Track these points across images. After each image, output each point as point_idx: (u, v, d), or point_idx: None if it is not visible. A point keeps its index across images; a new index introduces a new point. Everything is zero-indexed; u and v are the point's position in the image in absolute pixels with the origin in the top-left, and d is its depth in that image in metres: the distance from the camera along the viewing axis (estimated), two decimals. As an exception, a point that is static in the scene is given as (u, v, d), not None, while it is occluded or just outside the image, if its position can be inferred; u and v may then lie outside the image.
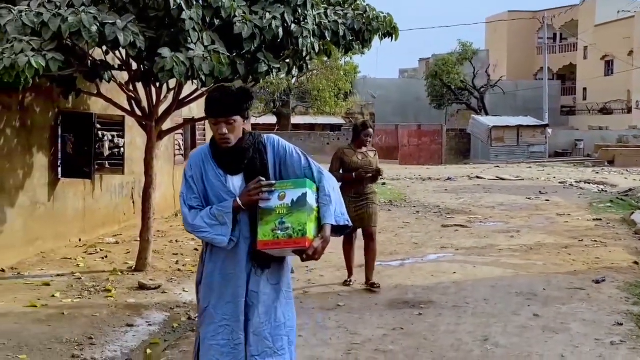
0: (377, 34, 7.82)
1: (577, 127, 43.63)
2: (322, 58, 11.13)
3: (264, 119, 38.95)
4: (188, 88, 7.97)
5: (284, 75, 7.66)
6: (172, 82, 7.38)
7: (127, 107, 7.88)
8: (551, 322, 5.87)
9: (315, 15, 7.14)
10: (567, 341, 5.36)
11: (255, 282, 3.21)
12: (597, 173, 24.62)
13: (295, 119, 41.66)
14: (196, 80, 6.49)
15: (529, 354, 5.08)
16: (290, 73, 7.66)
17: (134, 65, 7.27)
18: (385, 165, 7.21)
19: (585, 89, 47.59)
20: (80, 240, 9.21)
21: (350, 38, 7.63)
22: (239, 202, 3.16)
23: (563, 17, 47.63)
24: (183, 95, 7.97)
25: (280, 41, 6.78)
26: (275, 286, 3.26)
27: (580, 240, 9.97)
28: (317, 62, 29.36)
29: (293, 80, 34.18)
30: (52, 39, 5.72)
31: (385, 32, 7.90)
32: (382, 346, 5.29)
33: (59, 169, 8.72)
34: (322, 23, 7.28)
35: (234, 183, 3.23)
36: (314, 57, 7.91)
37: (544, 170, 27.13)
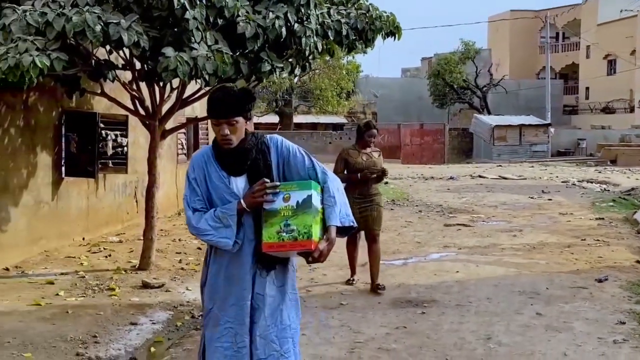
0: (380, 34, 7.82)
1: (579, 127, 43.60)
2: (324, 57, 11.11)
3: (266, 118, 38.92)
4: (191, 87, 7.99)
5: (287, 74, 7.66)
6: (176, 82, 7.40)
7: (131, 107, 7.90)
8: (554, 321, 5.88)
9: (318, 15, 7.15)
10: (570, 340, 5.37)
11: (260, 284, 3.18)
12: (600, 172, 24.60)
13: (297, 118, 41.61)
14: (199, 80, 6.51)
15: (532, 353, 5.09)
16: (293, 72, 7.65)
17: (138, 65, 7.28)
18: (388, 165, 7.21)
19: (587, 88, 47.51)
20: (83, 239, 9.24)
21: (353, 37, 7.63)
22: (243, 204, 3.11)
23: (565, 16, 47.57)
24: (186, 95, 8.00)
25: (283, 40, 6.80)
26: (280, 288, 3.24)
27: (582, 240, 9.98)
28: (320, 61, 29.30)
29: (295, 80, 34.11)
30: (57, 39, 5.74)
31: (388, 31, 7.90)
32: (385, 345, 5.30)
33: (63, 168, 8.75)
34: (325, 22, 7.29)
35: (238, 184, 3.19)
36: (317, 57, 7.91)
37: (546, 169, 27.12)
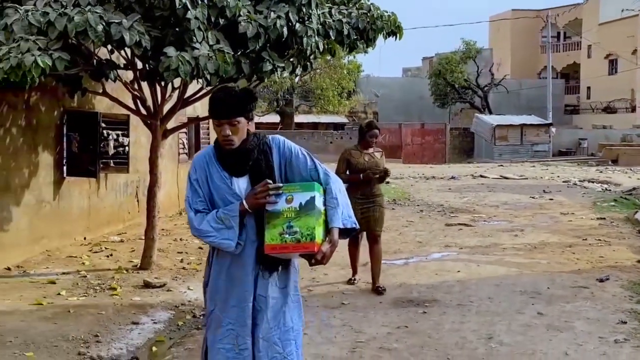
0: (382, 33, 7.83)
1: (580, 126, 43.55)
2: (326, 57, 11.11)
3: (267, 118, 38.92)
4: (192, 87, 7.99)
5: (288, 74, 7.66)
6: (177, 81, 7.40)
7: (132, 106, 7.91)
8: (555, 321, 5.89)
9: (319, 15, 7.16)
10: (571, 339, 5.38)
11: (262, 286, 3.16)
12: (601, 172, 24.58)
13: (298, 118, 41.59)
14: (201, 79, 6.52)
15: (533, 352, 5.10)
16: (294, 72, 7.65)
17: (139, 65, 7.29)
18: (389, 164, 7.21)
19: (589, 88, 47.45)
20: (85, 238, 9.25)
21: (355, 37, 7.64)
22: (245, 206, 3.09)
23: (567, 16, 47.48)
24: (188, 94, 8.01)
25: (284, 40, 6.81)
26: (283, 290, 3.21)
27: (584, 239, 9.98)
28: (321, 60, 29.31)
29: (296, 79, 34.12)
30: (58, 38, 5.74)
31: (390, 31, 7.91)
32: (386, 344, 5.31)
33: (64, 168, 8.76)
34: (327, 22, 7.29)
35: (240, 185, 3.17)
36: (318, 56, 7.92)
37: (547, 169, 27.10)
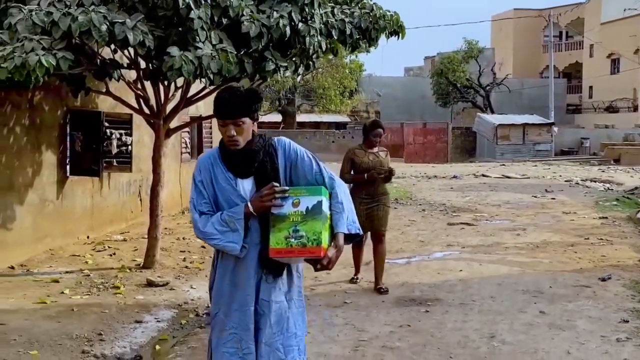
0: (384, 33, 7.84)
1: (583, 126, 43.53)
2: (328, 56, 11.12)
3: (269, 117, 38.95)
4: (195, 86, 8.01)
5: (291, 73, 7.68)
6: (180, 81, 7.43)
7: (135, 106, 7.93)
8: (557, 320, 5.90)
9: (322, 14, 7.17)
10: (573, 338, 5.40)
11: (266, 290, 3.13)
12: (603, 171, 24.56)
13: (300, 117, 41.60)
14: (204, 79, 6.53)
15: (535, 351, 5.12)
16: (297, 71, 7.67)
17: (143, 64, 7.31)
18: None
19: (591, 87, 47.41)
20: (88, 237, 9.28)
21: (357, 36, 7.65)
22: (250, 208, 3.05)
23: (569, 15, 47.43)
24: (191, 94, 8.03)
25: (287, 40, 6.82)
26: (287, 294, 3.18)
27: (586, 238, 9.99)
28: (323, 60, 29.30)
29: (298, 78, 34.13)
30: (62, 38, 5.76)
31: (392, 30, 7.92)
32: (389, 343, 5.33)
33: (67, 167, 8.78)
34: (329, 22, 7.30)
35: (244, 186, 3.13)
36: (321, 56, 7.93)
37: (549, 168, 27.09)
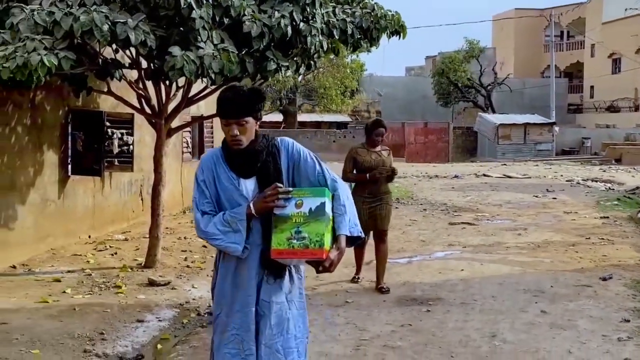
0: (385, 32, 7.84)
1: (584, 125, 43.51)
2: (329, 56, 11.14)
3: (271, 117, 38.96)
4: (197, 86, 8.02)
5: (292, 73, 7.69)
6: (181, 80, 7.43)
7: (137, 105, 7.94)
8: (558, 319, 5.91)
9: (323, 14, 7.18)
10: (574, 337, 5.40)
11: (266, 291, 3.12)
12: (604, 171, 24.56)
13: (301, 117, 41.60)
14: (205, 79, 6.54)
15: (537, 350, 5.12)
16: (298, 71, 7.67)
17: (144, 64, 7.32)
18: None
19: (592, 87, 47.38)
20: (89, 237, 9.29)
21: (358, 36, 7.65)
22: (252, 209, 3.03)
23: (570, 15, 47.42)
24: (192, 93, 8.03)
25: (288, 39, 6.83)
26: (288, 295, 3.17)
27: (587, 238, 9.99)
28: (324, 60, 29.31)
29: (299, 78, 34.15)
30: (64, 38, 5.77)
31: (393, 30, 7.91)
32: (390, 342, 5.34)
33: (69, 167, 8.80)
34: (331, 21, 7.31)
35: (247, 186, 3.12)
36: (322, 55, 7.94)
37: (551, 168, 27.09)
